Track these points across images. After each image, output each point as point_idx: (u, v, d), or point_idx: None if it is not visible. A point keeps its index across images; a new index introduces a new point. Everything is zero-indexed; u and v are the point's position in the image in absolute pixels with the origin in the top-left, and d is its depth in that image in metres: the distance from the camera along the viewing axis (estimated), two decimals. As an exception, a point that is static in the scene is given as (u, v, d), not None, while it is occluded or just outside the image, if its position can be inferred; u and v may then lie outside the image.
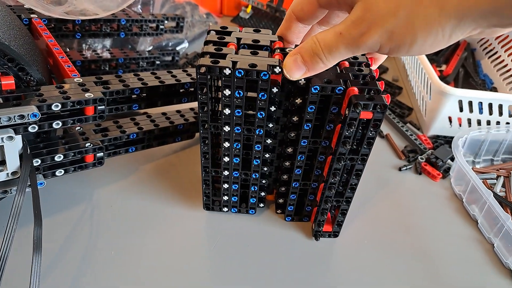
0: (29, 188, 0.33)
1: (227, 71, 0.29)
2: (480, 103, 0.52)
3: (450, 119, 0.54)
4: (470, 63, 0.71)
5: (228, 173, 0.37)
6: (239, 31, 0.34)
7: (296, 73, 0.29)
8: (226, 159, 0.36)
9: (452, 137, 0.48)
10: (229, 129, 0.33)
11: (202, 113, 0.33)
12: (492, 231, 0.42)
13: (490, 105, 0.52)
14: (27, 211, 0.33)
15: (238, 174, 0.37)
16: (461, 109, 0.52)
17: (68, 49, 0.53)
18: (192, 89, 0.43)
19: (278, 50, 0.32)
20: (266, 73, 0.29)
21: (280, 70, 0.30)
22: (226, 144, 0.35)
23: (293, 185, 0.38)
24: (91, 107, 0.35)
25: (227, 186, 0.38)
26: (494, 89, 0.66)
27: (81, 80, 0.37)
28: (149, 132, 0.43)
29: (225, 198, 0.39)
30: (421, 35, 0.24)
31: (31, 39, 0.38)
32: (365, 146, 0.32)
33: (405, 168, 0.50)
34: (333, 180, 0.34)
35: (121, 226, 0.39)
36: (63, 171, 0.38)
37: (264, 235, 0.40)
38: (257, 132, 0.34)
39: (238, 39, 0.33)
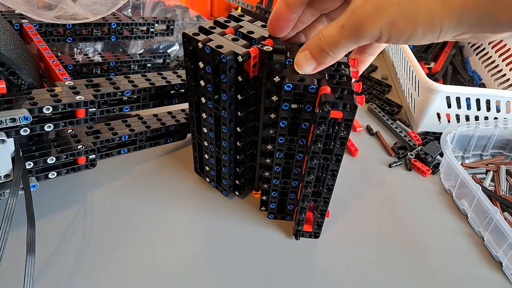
0: (22, 190, 0.33)
1: (200, 45, 0.33)
2: (468, 99, 0.53)
3: (438, 116, 0.55)
4: (459, 60, 0.72)
5: (207, 144, 0.40)
6: (249, 22, 0.37)
7: (307, 68, 0.30)
8: (205, 130, 0.39)
9: (441, 133, 0.49)
10: (204, 101, 0.37)
11: (188, 78, 0.37)
12: (481, 225, 0.43)
13: (478, 101, 0.53)
14: (20, 214, 0.33)
15: (213, 148, 0.40)
16: (449, 105, 0.53)
17: (59, 54, 0.54)
18: (183, 90, 0.44)
19: (260, 45, 0.33)
20: (224, 56, 0.32)
21: (241, 60, 0.32)
22: (204, 116, 0.38)
23: (274, 182, 0.38)
24: (82, 110, 0.36)
25: (207, 157, 0.41)
26: (483, 85, 0.67)
27: (72, 83, 0.37)
28: (140, 133, 0.43)
29: (207, 169, 0.43)
30: (422, 28, 0.24)
31: (22, 44, 0.39)
32: (337, 146, 0.32)
33: (395, 164, 0.51)
34: (308, 178, 0.34)
35: (114, 227, 0.39)
36: (55, 174, 0.38)
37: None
38: (223, 114, 0.36)
39: (238, 27, 0.36)
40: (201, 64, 0.34)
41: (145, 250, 0.37)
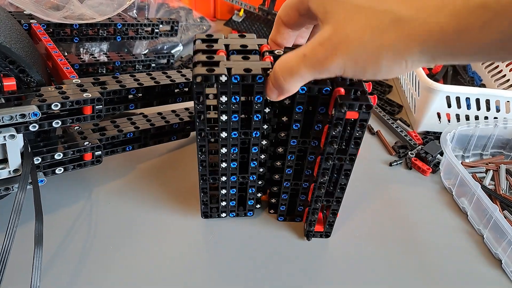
0: (30, 185, 0.34)
1: (224, 78, 0.29)
2: (468, 99, 0.54)
3: (439, 115, 0.56)
4: (460, 62, 0.72)
5: (226, 178, 0.37)
6: (225, 38, 0.34)
7: (272, 95, 0.30)
8: (224, 164, 0.36)
9: (441, 133, 0.50)
10: (226, 135, 0.34)
11: (199, 122, 0.33)
12: (481, 223, 0.43)
13: (478, 101, 0.54)
14: (28, 209, 0.34)
15: (235, 178, 0.38)
16: (449, 105, 0.54)
17: (66, 53, 0.55)
18: (187, 89, 0.45)
19: (267, 53, 0.32)
20: (261, 76, 0.30)
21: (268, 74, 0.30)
22: (224, 150, 0.35)
23: (285, 184, 0.38)
24: (89, 107, 0.37)
25: (225, 191, 0.38)
26: (483, 86, 0.68)
27: (79, 81, 0.38)
28: (145, 131, 0.44)
29: (223, 204, 0.40)
30: (386, 65, 0.24)
31: (31, 43, 0.40)
32: (352, 146, 0.32)
33: (396, 163, 0.52)
34: (322, 179, 0.34)
35: (119, 222, 0.40)
36: (62, 169, 0.39)
37: (257, 236, 0.40)
38: (254, 135, 0.34)
39: (226, 46, 0.33)
40: (224, 98, 0.31)
41: (150, 247, 0.38)
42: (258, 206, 0.42)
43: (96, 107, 0.37)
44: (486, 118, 0.55)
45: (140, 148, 0.45)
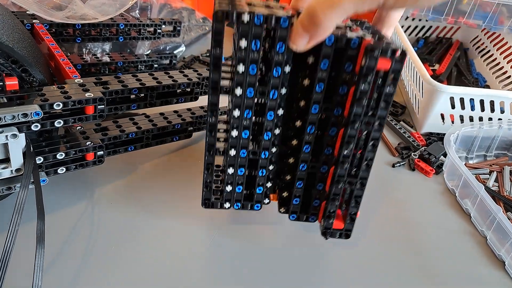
0: (32, 185, 0.34)
1: (246, 17, 0.27)
2: (472, 100, 0.53)
3: (442, 116, 0.55)
4: (463, 62, 0.72)
5: (235, 152, 0.33)
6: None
7: (300, 42, 0.27)
8: (235, 133, 0.32)
9: (445, 134, 0.49)
10: (241, 92, 0.30)
11: (213, 71, 0.30)
12: (484, 224, 0.43)
13: (482, 102, 0.53)
14: (30, 208, 0.34)
15: (245, 154, 0.33)
16: (453, 106, 0.54)
17: (69, 53, 0.55)
18: (189, 89, 0.45)
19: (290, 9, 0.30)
20: (285, 18, 0.27)
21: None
22: (236, 113, 0.31)
23: (300, 167, 0.34)
24: (91, 107, 0.37)
25: (233, 170, 0.34)
26: (487, 87, 0.67)
27: (82, 81, 0.38)
28: (147, 131, 0.44)
29: (229, 188, 0.35)
30: None
31: (33, 42, 0.40)
32: (382, 106, 0.29)
33: (399, 164, 0.51)
34: (346, 151, 0.30)
35: (121, 222, 0.40)
36: (64, 169, 0.39)
37: (263, 239, 0.39)
38: (271, 96, 0.30)
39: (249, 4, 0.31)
40: (243, 43, 0.28)
41: (152, 247, 0.38)
42: (267, 201, 0.37)
43: (98, 107, 0.37)
44: (490, 119, 0.54)
45: (142, 149, 0.45)
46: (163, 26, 0.58)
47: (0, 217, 0.38)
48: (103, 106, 0.37)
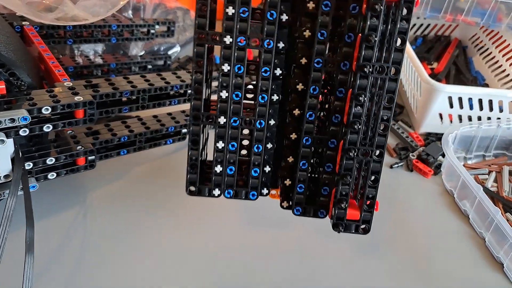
0: (22, 191, 0.34)
1: None
2: (470, 99, 0.53)
3: (441, 116, 0.55)
4: (462, 60, 0.71)
5: (225, 120, 0.28)
6: None
7: None
8: (224, 94, 0.28)
9: (443, 134, 0.49)
10: (231, 40, 0.26)
11: (199, 20, 0.26)
12: (483, 226, 0.42)
13: (480, 101, 0.53)
14: (19, 215, 0.33)
15: (238, 122, 0.28)
16: (451, 106, 0.53)
17: (61, 56, 0.54)
18: (182, 91, 0.44)
19: None
20: None
21: None
22: (226, 67, 0.27)
23: (304, 141, 0.28)
24: (81, 110, 0.36)
25: (222, 145, 0.29)
26: (486, 86, 0.67)
27: (71, 84, 0.38)
28: (140, 134, 0.43)
29: (218, 168, 0.30)
30: None
31: (22, 45, 0.39)
32: (397, 47, 0.25)
33: (397, 165, 0.51)
34: (357, 109, 0.26)
35: (113, 228, 0.39)
36: (55, 174, 0.38)
37: (261, 237, 0.38)
38: (266, 45, 0.27)
39: None
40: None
41: (145, 251, 0.37)
42: (264, 191, 0.31)
43: (88, 110, 0.36)
44: (489, 118, 0.54)
45: (135, 152, 0.44)
46: (157, 26, 0.57)
47: (-11, 223, 0.37)
48: (93, 110, 0.36)
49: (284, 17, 0.28)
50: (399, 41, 0.26)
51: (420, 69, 0.53)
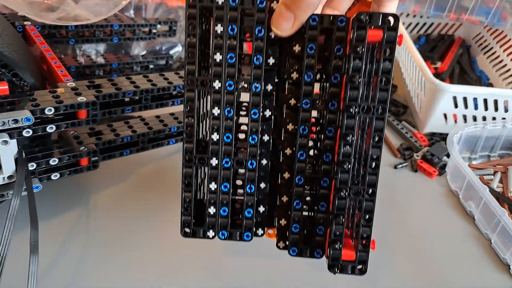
0: (25, 192, 0.33)
1: None
2: (475, 99, 0.52)
3: (445, 116, 0.54)
4: (466, 60, 0.71)
5: (217, 162, 0.29)
6: None
7: (284, 25, 0.25)
8: (215, 136, 0.28)
9: (448, 134, 0.48)
10: (220, 85, 0.27)
11: (189, 59, 0.27)
12: (489, 227, 0.42)
13: (485, 101, 0.52)
14: (23, 215, 0.33)
15: (229, 163, 0.29)
16: (456, 106, 0.53)
17: (62, 56, 0.54)
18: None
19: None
20: (263, 0, 0.25)
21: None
22: (216, 111, 0.28)
23: (297, 180, 0.29)
24: (84, 111, 0.36)
25: (215, 186, 0.29)
26: (490, 85, 0.66)
27: (74, 85, 0.37)
28: (143, 135, 0.43)
29: (212, 210, 0.30)
30: None
31: (24, 46, 0.39)
32: (382, 86, 0.26)
33: (401, 166, 0.50)
34: (345, 148, 0.26)
35: (117, 229, 0.39)
36: (58, 175, 0.38)
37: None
38: (253, 88, 0.27)
39: None
40: (219, 28, 0.26)
41: (148, 253, 0.37)
42: (259, 231, 0.31)
43: (91, 111, 0.36)
44: (494, 118, 0.53)
45: (138, 152, 0.44)
46: (159, 25, 0.56)
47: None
48: (97, 110, 0.36)
49: (271, 61, 0.28)
50: (384, 81, 0.26)
51: (425, 68, 0.53)
